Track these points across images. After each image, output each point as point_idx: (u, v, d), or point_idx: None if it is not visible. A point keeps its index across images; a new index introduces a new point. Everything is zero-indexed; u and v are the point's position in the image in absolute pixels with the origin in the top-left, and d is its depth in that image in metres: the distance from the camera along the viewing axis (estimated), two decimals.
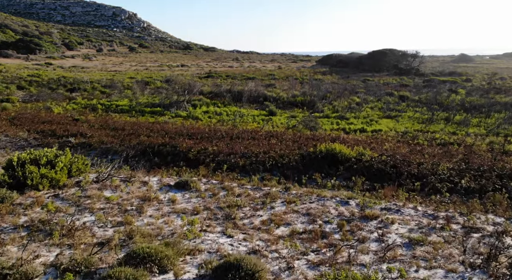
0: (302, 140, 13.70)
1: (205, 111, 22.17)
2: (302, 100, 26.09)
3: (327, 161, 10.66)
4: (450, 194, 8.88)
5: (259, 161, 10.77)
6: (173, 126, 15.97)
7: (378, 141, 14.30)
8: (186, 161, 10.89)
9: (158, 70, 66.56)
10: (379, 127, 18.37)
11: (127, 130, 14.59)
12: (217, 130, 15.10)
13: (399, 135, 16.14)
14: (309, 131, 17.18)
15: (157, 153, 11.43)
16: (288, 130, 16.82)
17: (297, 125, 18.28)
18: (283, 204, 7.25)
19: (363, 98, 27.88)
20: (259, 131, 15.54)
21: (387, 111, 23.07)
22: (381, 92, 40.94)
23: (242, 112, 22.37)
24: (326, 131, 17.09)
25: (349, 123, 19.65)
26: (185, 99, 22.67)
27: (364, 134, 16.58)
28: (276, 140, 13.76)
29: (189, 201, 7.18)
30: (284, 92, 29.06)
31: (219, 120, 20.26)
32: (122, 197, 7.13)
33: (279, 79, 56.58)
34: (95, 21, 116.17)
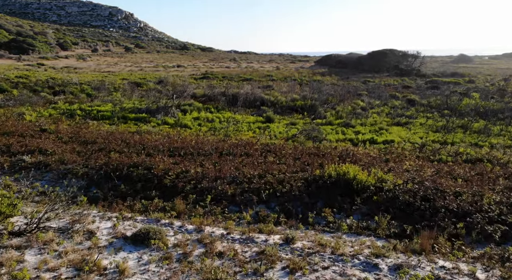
0: (304, 156, 11.34)
1: (195, 118, 19.76)
2: (302, 104, 23.72)
3: (338, 189, 8.30)
4: (505, 241, 6.57)
5: (252, 188, 8.40)
6: (154, 138, 13.57)
7: (394, 157, 11.95)
8: (160, 189, 8.51)
9: (153, 70, 64.23)
10: (390, 137, 16.00)
11: (99, 143, 12.18)
12: (205, 142, 12.72)
13: (415, 148, 13.80)
14: (311, 142, 14.83)
15: (125, 178, 9.04)
16: (288, 142, 14.45)
17: (298, 135, 15.94)
18: (284, 274, 4.90)
19: (368, 102, 25.53)
20: (255, 144, 13.18)
21: (396, 117, 20.71)
22: (385, 94, 38.59)
23: (237, 119, 20.00)
24: (331, 142, 14.73)
25: (356, 132, 17.30)
26: (174, 104, 20.24)
27: (375, 147, 14.23)
28: (274, 156, 11.40)
29: (146, 270, 4.80)
30: (283, 96, 26.69)
31: (210, 128, 17.88)
32: (47, 265, 4.76)
33: (277, 80, 54.27)
34: (91, 21, 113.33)
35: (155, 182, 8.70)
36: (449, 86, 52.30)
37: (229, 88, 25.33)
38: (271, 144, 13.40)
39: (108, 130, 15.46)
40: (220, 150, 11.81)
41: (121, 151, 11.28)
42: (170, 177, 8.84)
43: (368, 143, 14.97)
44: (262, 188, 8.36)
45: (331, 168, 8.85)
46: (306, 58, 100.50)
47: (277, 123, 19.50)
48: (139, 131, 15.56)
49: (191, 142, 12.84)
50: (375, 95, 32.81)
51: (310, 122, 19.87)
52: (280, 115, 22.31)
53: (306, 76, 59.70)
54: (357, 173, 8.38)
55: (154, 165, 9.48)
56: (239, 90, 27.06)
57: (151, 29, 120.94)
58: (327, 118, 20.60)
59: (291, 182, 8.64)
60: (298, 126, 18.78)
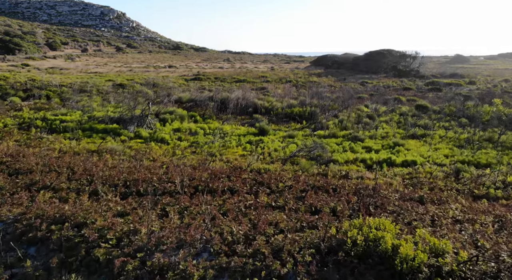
0: (310, 194, 8.17)
1: (176, 129, 16.48)
2: (300, 111, 20.53)
3: (371, 270, 5.15)
4: None
5: (234, 268, 5.22)
6: (113, 162, 10.27)
7: (429, 193, 8.81)
8: (87, 267, 5.31)
9: (143, 71, 60.74)
10: (410, 156, 12.84)
11: (34, 174, 8.89)
12: (179, 171, 9.48)
13: (448, 175, 10.69)
14: (315, 164, 11.66)
15: (41, 243, 5.82)
16: (286, 166, 11.24)
17: (297, 154, 12.75)
18: None
19: (375, 108, 22.39)
20: (243, 171, 9.99)
21: (409, 127, 17.56)
22: (386, 97, 35.57)
23: (225, 130, 16.75)
24: (340, 165, 11.55)
25: (366, 148, 14.14)
26: (150, 112, 16.93)
27: (396, 171, 11.08)
28: (269, 193, 8.22)
29: None
30: (278, 101, 23.49)
31: (192, 143, 14.63)
32: None
33: (272, 82, 51.04)
34: (83, 20, 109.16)
35: (81, 253, 5.46)
36: (451, 87, 49.42)
37: (218, 93, 22.06)
38: (264, 171, 10.19)
39: (61, 149, 12.14)
40: (197, 182, 8.60)
41: (57, 187, 8.01)
42: (107, 244, 5.61)
43: (386, 165, 11.81)
44: (248, 268, 5.15)
45: (354, 229, 5.67)
46: (301, 59, 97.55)
47: (272, 135, 16.29)
48: (101, 150, 12.27)
49: (159, 170, 9.59)
50: (379, 100, 29.80)
51: (310, 133, 16.69)
52: (275, 124, 19.13)
53: (302, 78, 56.59)
54: (398, 244, 5.20)
55: (90, 219, 6.25)
56: (230, 95, 23.82)
57: (144, 29, 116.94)
58: (330, 129, 17.43)
59: (295, 253, 5.45)
60: (296, 139, 15.59)
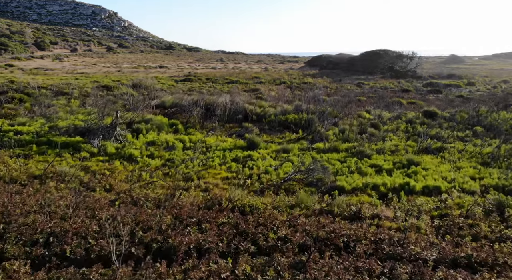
0: (313, 257, 5.61)
1: (150, 142, 13.79)
2: (296, 119, 17.93)
3: None
4: None
5: None
6: (38, 203, 7.57)
7: (478, 251, 6.28)
8: None
9: (132, 72, 57.78)
10: (430, 180, 10.27)
11: None
12: (129, 215, 6.85)
13: (485, 208, 8.19)
14: (316, 192, 9.09)
15: None
16: (279, 200, 8.64)
17: (293, 176, 10.17)
18: None
19: (378, 115, 19.82)
20: (222, 210, 7.39)
21: (422, 140, 14.97)
22: (386, 100, 33.07)
23: (209, 143, 14.10)
24: (348, 196, 8.98)
25: (375, 167, 11.57)
26: (117, 122, 14.16)
27: (419, 203, 8.55)
28: (253, 254, 5.65)
29: None
30: (271, 106, 20.86)
31: (167, 160, 11.99)
32: None
33: (265, 83, 48.39)
34: (73, 20, 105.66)
35: None
36: (450, 89, 47.12)
37: (203, 98, 19.37)
38: (250, 209, 7.60)
39: None
40: (151, 235, 5.98)
41: None
42: None
43: (403, 193, 9.26)
44: None
45: None
46: (295, 59, 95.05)
47: (263, 149, 13.67)
48: (46, 174, 9.60)
49: (106, 211, 6.93)
50: (379, 103, 27.30)
51: (308, 147, 14.09)
52: (267, 134, 16.51)
53: (297, 78, 54.02)
54: None
55: None
56: (218, 98, 21.16)
57: (136, 29, 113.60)
58: (330, 141, 14.84)
59: None
60: (292, 154, 13.00)
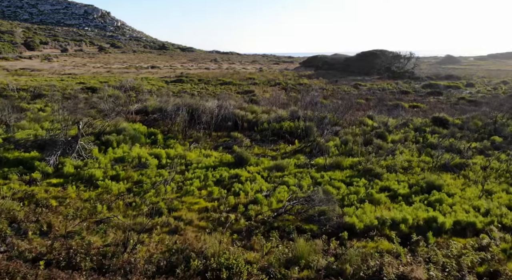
0: None
1: (119, 159, 11.49)
2: (291, 127, 15.73)
3: None
4: None
5: None
6: None
7: None
8: None
9: (122, 72, 55.23)
10: (460, 212, 8.05)
11: None
12: None
13: None
14: (318, 232, 6.91)
15: None
16: (271, 243, 6.43)
17: (289, 208, 7.99)
18: None
19: (383, 122, 17.65)
20: (189, 274, 5.14)
21: (437, 154, 12.78)
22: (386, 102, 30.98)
23: (190, 159, 11.86)
24: (361, 241, 6.79)
25: (389, 191, 9.40)
26: (79, 134, 11.82)
27: (454, 251, 6.42)
28: None
29: None
30: (265, 112, 18.63)
31: (135, 183, 9.75)
32: None
33: (259, 84, 46.09)
34: (65, 19, 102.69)
35: None
36: (450, 90, 45.10)
37: (185, 105, 17.07)
38: (227, 273, 5.41)
39: None
40: None
41: None
42: None
43: (431, 233, 7.11)
44: None
45: None
46: (290, 59, 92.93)
47: (254, 166, 11.46)
48: None
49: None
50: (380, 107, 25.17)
51: (306, 163, 11.89)
52: (259, 145, 14.29)
53: (292, 79, 51.77)
54: None
55: None
56: (206, 103, 18.90)
57: (129, 28, 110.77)
58: (332, 154, 12.68)
59: None
60: (287, 173, 10.79)
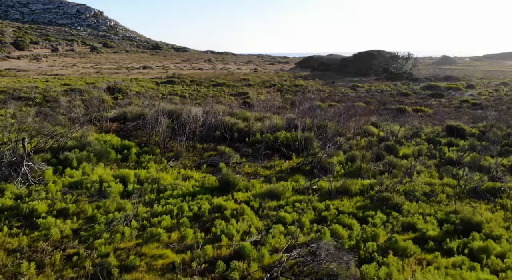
0: None
1: (74, 184, 9.16)
2: (288, 138, 13.50)
3: None
4: None
5: None
6: None
7: None
8: None
9: (112, 73, 52.62)
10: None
11: None
12: None
13: None
14: None
15: None
16: None
17: (288, 265, 5.79)
18: None
19: (389, 130, 15.43)
20: None
21: (460, 171, 10.61)
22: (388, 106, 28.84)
23: (164, 184, 9.59)
24: None
25: (414, 231, 7.20)
26: (24, 154, 9.40)
27: None
28: None
29: None
30: (258, 119, 16.37)
31: (86, 221, 7.49)
32: None
33: (254, 86, 43.74)
34: (57, 19, 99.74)
35: None
36: (450, 92, 43.03)
37: (167, 112, 14.76)
38: None
39: None
40: None
41: None
42: None
43: None
44: None
45: None
46: (285, 60, 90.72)
47: (243, 192, 9.23)
48: None
49: None
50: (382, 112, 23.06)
51: (306, 187, 9.66)
52: (251, 161, 12.05)
53: (288, 81, 49.45)
54: None
55: None
56: (192, 108, 16.60)
57: (122, 28, 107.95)
58: (337, 176, 10.48)
59: None
60: (283, 201, 8.56)
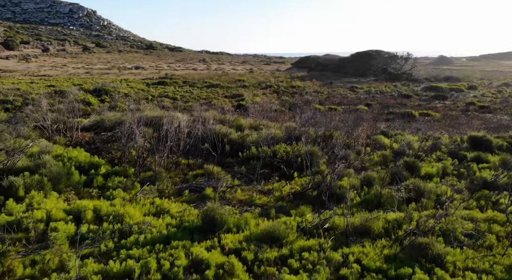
0: None
1: (11, 225, 6.93)
2: (288, 153, 11.28)
3: None
4: None
5: None
6: None
7: None
8: None
9: (103, 73, 50.20)
10: None
11: None
12: None
13: None
14: None
15: None
16: None
17: None
18: None
19: (404, 142, 13.22)
20: None
21: (504, 199, 8.46)
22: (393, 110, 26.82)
23: (130, 223, 7.35)
24: None
25: None
26: None
27: None
28: None
29: None
30: (253, 128, 14.12)
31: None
32: None
33: (249, 87, 41.43)
34: (49, 18, 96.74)
35: None
36: (453, 94, 40.95)
37: (145, 121, 12.45)
38: None
39: None
40: None
41: None
42: None
43: None
44: None
45: None
46: (281, 60, 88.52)
47: (233, 233, 6.99)
48: None
49: None
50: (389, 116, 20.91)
51: (316, 224, 7.45)
52: (245, 183, 9.84)
53: (284, 82, 47.16)
54: None
55: None
56: (178, 115, 14.32)
57: (116, 28, 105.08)
58: (352, 206, 8.28)
59: None
60: (287, 251, 6.31)
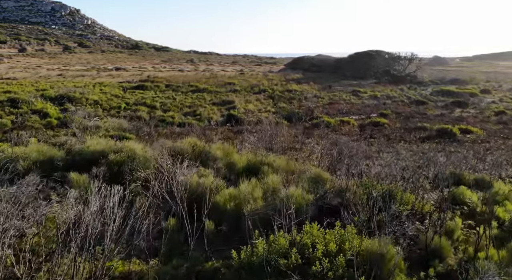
0: None
1: None
2: (331, 253, 6.37)
3: None
4: None
5: None
6: None
7: None
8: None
9: (77, 75, 43.97)
10: None
11: None
12: None
13: None
14: None
15: None
16: None
17: None
18: None
19: (445, 176, 8.32)
20: None
21: None
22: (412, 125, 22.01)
23: None
24: None
25: None
26: None
27: None
28: None
29: None
30: (253, 177, 9.08)
31: None
32: None
33: (241, 91, 35.90)
34: (30, 17, 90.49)
35: None
36: (468, 98, 36.16)
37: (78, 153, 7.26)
38: None
39: None
40: None
41: None
42: None
43: None
44: None
45: None
46: (272, 60, 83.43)
47: None
48: None
49: None
50: (421, 134, 16.09)
51: None
52: None
53: (279, 85, 41.70)
54: None
55: None
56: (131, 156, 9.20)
57: (100, 27, 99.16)
58: None
59: None
60: None
